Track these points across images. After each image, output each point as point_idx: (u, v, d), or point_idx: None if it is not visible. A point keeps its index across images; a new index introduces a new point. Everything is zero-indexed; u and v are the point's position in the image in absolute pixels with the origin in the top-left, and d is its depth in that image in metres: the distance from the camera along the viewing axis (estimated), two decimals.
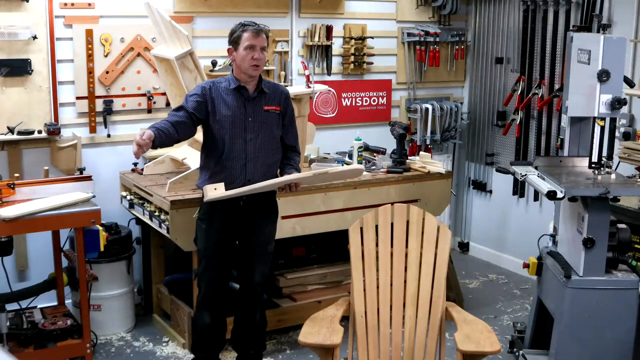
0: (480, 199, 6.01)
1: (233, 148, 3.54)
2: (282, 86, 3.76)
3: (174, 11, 4.69)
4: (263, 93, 3.59)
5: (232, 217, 3.62)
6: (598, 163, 3.51)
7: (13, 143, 4.33)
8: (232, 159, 3.55)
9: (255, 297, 3.78)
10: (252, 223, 3.67)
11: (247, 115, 3.55)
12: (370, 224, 3.33)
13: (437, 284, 3.26)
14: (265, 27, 3.55)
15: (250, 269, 3.73)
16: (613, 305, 3.43)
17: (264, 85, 3.60)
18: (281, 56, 5.12)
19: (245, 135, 3.55)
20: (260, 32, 3.51)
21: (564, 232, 3.70)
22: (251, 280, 3.74)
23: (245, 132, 3.55)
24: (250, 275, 3.73)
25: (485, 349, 2.87)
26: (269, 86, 3.64)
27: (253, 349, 3.87)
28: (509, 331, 4.43)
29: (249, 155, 3.56)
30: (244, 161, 3.55)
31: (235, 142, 3.54)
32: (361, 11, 5.42)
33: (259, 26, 3.52)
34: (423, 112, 5.63)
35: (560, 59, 5.11)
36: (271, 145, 3.63)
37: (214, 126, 3.54)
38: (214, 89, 3.56)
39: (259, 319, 3.83)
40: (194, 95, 3.53)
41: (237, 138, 3.54)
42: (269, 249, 3.76)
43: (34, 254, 4.52)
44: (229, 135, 3.54)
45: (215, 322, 3.78)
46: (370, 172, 4.64)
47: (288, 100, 3.70)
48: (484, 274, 5.67)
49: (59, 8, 4.36)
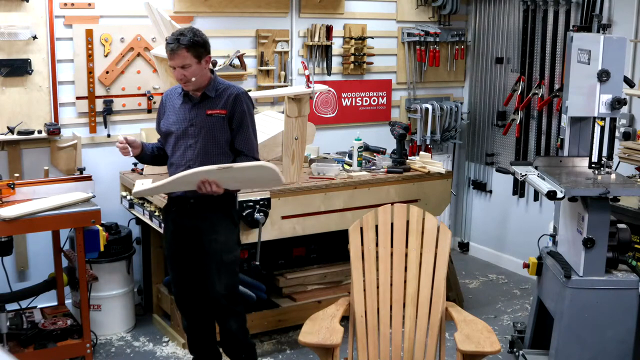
0: (480, 199, 6.01)
1: (175, 154, 3.48)
2: (235, 88, 3.50)
3: (174, 11, 4.69)
4: (207, 97, 3.44)
5: (182, 219, 3.51)
6: (598, 163, 3.51)
7: (13, 143, 4.33)
8: (175, 165, 3.48)
9: (221, 309, 3.57)
10: (204, 229, 3.49)
11: (189, 120, 3.45)
12: (370, 224, 3.33)
13: (437, 284, 3.26)
14: (182, 43, 3.29)
15: (209, 279, 3.53)
16: (613, 305, 3.43)
17: (208, 89, 3.44)
18: (281, 56, 5.12)
19: (187, 141, 3.45)
20: (174, 53, 3.31)
21: (564, 232, 3.70)
22: (212, 291, 3.54)
23: (186, 138, 3.45)
24: (211, 285, 3.53)
25: (485, 349, 2.87)
26: (221, 88, 3.46)
27: (240, 356, 3.68)
28: (509, 331, 4.43)
29: (189, 161, 3.43)
30: (185, 167, 3.41)
31: (178, 148, 3.48)
32: (361, 11, 5.42)
33: (175, 44, 3.30)
34: (423, 112, 5.63)
35: (560, 59, 5.11)
36: (215, 150, 3.45)
37: (163, 133, 3.54)
38: (170, 96, 3.53)
39: (236, 328, 3.60)
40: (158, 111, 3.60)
41: (179, 144, 3.47)
42: (225, 259, 3.50)
43: (34, 254, 4.52)
44: (173, 141, 3.49)
45: (192, 325, 3.70)
46: (370, 172, 4.64)
47: (237, 102, 3.44)
48: (484, 274, 5.67)
49: (59, 8, 4.36)
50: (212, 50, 4.76)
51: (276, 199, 4.16)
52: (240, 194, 4.05)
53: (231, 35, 4.93)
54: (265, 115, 4.73)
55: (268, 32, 5.03)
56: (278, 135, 4.28)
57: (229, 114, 3.44)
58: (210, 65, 3.46)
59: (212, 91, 3.45)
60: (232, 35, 4.93)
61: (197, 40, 3.34)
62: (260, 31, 5.01)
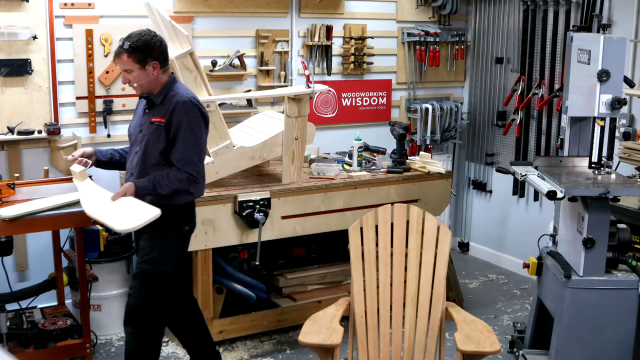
0: (480, 199, 6.01)
1: (129, 159, 3.49)
2: (180, 95, 3.33)
3: (174, 11, 4.69)
4: (154, 104, 3.38)
5: None
6: (598, 163, 3.51)
7: (13, 143, 4.32)
8: (127, 170, 3.48)
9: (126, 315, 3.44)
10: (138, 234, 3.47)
11: (140, 126, 3.42)
12: (370, 224, 3.33)
13: (437, 284, 3.26)
14: (123, 47, 3.25)
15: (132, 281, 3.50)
16: (613, 305, 3.44)
17: (155, 95, 3.36)
18: (281, 56, 5.12)
19: (136, 147, 3.43)
20: (116, 56, 3.29)
21: (564, 232, 3.70)
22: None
23: (136, 144, 3.43)
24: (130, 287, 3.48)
25: (485, 349, 2.87)
26: (170, 95, 3.34)
27: None
28: (509, 331, 4.43)
29: (133, 169, 3.42)
30: (130, 174, 3.44)
31: (131, 153, 3.48)
32: (361, 11, 5.42)
33: (118, 48, 3.27)
34: (423, 112, 5.63)
35: (560, 59, 5.11)
36: (152, 160, 3.36)
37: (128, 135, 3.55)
38: (141, 99, 3.51)
39: (129, 348, 3.45)
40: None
41: (132, 149, 3.47)
42: (142, 267, 3.40)
43: (34, 254, 4.52)
44: (130, 147, 3.50)
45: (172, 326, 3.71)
46: (370, 172, 4.64)
47: (177, 110, 3.29)
48: (484, 274, 5.67)
49: (59, 8, 4.36)
50: (212, 50, 4.84)
51: (276, 199, 4.17)
52: (240, 194, 4.06)
53: (231, 35, 4.93)
54: (265, 115, 4.73)
55: (268, 32, 5.03)
56: (278, 135, 4.28)
57: (166, 122, 3.31)
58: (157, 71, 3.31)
59: (158, 97, 3.36)
60: (232, 35, 4.93)
61: (139, 45, 3.25)
62: (260, 31, 5.01)
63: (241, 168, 4.26)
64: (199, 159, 3.40)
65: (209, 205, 4.00)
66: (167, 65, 3.41)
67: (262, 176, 4.51)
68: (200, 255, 4.04)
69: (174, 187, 3.33)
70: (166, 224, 3.35)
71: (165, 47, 3.40)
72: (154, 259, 3.39)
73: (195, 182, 3.39)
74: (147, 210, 3.21)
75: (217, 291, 4.18)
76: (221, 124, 4.09)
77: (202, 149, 3.43)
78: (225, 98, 4.53)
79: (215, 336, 4.17)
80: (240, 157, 4.21)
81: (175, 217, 3.43)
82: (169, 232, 3.41)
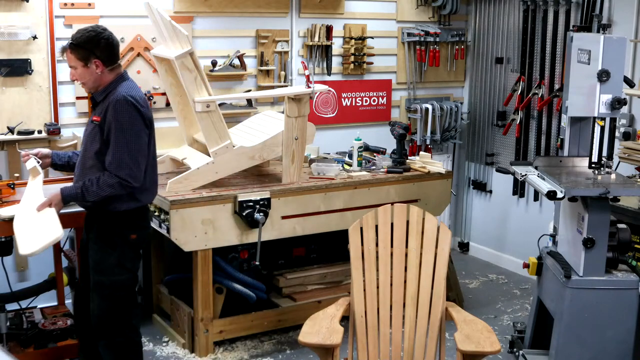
0: (480, 199, 6.01)
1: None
2: (119, 93, 3.18)
3: (174, 11, 4.69)
4: (97, 103, 3.27)
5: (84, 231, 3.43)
6: (598, 163, 3.51)
7: (13, 143, 4.32)
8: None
9: (94, 330, 3.37)
10: (87, 242, 3.38)
11: (87, 126, 3.33)
12: (370, 224, 3.33)
13: (437, 284, 3.26)
14: (69, 43, 3.19)
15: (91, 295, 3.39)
16: (613, 305, 3.43)
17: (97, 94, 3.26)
18: (281, 56, 5.12)
19: (82, 148, 3.34)
20: (62, 53, 3.24)
21: (564, 232, 3.70)
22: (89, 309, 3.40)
23: (82, 145, 3.34)
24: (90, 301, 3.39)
25: (485, 349, 2.87)
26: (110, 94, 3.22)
27: None
28: (509, 331, 4.43)
29: (76, 170, 3.33)
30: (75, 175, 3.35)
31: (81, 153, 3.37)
32: (361, 11, 5.42)
33: (66, 44, 3.21)
34: (423, 112, 5.63)
35: (560, 59, 5.11)
36: (89, 161, 3.24)
37: None
38: None
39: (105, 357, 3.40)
40: None
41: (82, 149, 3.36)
42: (96, 279, 3.30)
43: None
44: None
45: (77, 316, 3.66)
46: (370, 172, 4.64)
47: (112, 109, 3.14)
48: (484, 274, 5.67)
49: (59, 8, 4.36)
50: (212, 50, 4.84)
51: (276, 199, 4.17)
52: (240, 194, 4.06)
53: (231, 35, 4.93)
54: (265, 115, 4.73)
55: (268, 32, 5.03)
56: (278, 135, 4.28)
57: (101, 121, 3.18)
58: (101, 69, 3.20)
59: (100, 96, 3.25)
60: (232, 35, 4.93)
61: (81, 42, 3.16)
62: (260, 31, 5.01)
63: (241, 168, 4.26)
64: (134, 162, 3.17)
65: (209, 205, 4.00)
66: (115, 64, 3.26)
67: (262, 176, 4.51)
68: (200, 255, 4.04)
69: (104, 194, 3.16)
70: (111, 234, 3.27)
71: (113, 46, 3.24)
72: (105, 270, 3.30)
73: (130, 187, 3.18)
74: (50, 232, 3.04)
75: (217, 291, 4.18)
76: (221, 124, 4.09)
77: (139, 151, 3.19)
78: (225, 98, 4.53)
79: (215, 336, 4.17)
80: (240, 157, 4.21)
81: (120, 226, 3.29)
82: (115, 241, 3.28)
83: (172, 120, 4.66)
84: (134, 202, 3.29)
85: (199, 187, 4.11)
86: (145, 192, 3.34)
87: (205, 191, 4.08)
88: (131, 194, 3.26)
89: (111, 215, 3.26)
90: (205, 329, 4.12)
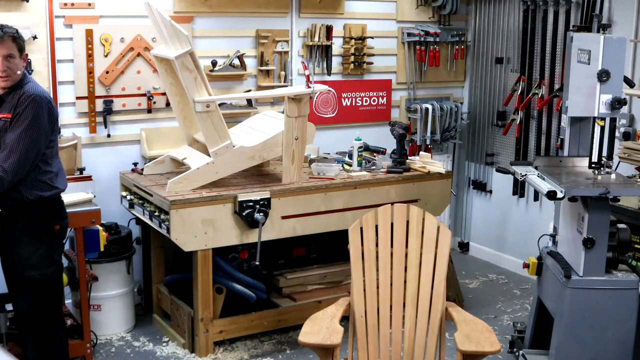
0: (480, 199, 6.01)
1: None
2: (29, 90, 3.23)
3: (174, 11, 4.69)
4: (3, 100, 3.25)
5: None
6: (598, 163, 3.51)
7: None
8: None
9: (22, 327, 3.38)
10: (10, 240, 3.32)
11: None
12: (370, 224, 3.33)
13: (437, 284, 3.26)
14: (10, 31, 3.19)
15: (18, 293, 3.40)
16: (613, 305, 3.43)
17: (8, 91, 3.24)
18: (281, 56, 5.12)
19: None
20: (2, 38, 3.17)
21: (564, 232, 3.70)
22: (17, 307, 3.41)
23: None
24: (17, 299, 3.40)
25: (485, 349, 2.87)
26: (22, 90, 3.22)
27: None
28: (509, 331, 4.43)
29: None
30: None
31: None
32: (361, 11, 5.42)
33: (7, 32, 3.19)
34: (423, 112, 5.63)
35: (560, 59, 5.11)
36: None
37: None
38: None
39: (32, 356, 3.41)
40: None
41: None
42: (26, 275, 3.30)
43: None
44: None
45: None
46: (370, 172, 4.64)
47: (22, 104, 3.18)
48: (484, 274, 5.67)
49: (59, 8, 4.36)
50: (212, 50, 4.84)
51: (276, 199, 4.17)
52: (240, 194, 4.06)
53: (231, 35, 4.93)
54: (265, 115, 4.73)
55: (268, 32, 5.03)
56: (278, 135, 4.28)
57: (12, 117, 3.20)
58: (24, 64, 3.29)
59: (12, 93, 3.24)
60: (232, 35, 4.93)
61: (19, 35, 3.25)
62: (260, 31, 5.01)
63: (241, 168, 4.26)
64: (20, 160, 3.17)
65: (209, 205, 4.00)
66: None
67: (262, 176, 4.51)
68: (200, 255, 4.04)
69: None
70: (37, 226, 3.31)
71: None
72: (36, 265, 3.32)
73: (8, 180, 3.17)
74: None
75: (217, 291, 4.18)
76: (221, 124, 4.09)
77: (32, 149, 3.21)
78: (225, 98, 4.53)
79: (215, 336, 4.18)
80: (240, 157, 4.21)
81: (44, 217, 3.34)
82: (42, 234, 3.33)
83: (172, 120, 4.66)
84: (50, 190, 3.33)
85: (199, 187, 4.11)
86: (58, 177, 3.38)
87: (205, 191, 4.08)
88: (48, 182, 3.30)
89: (36, 205, 3.28)
90: (205, 329, 4.12)
